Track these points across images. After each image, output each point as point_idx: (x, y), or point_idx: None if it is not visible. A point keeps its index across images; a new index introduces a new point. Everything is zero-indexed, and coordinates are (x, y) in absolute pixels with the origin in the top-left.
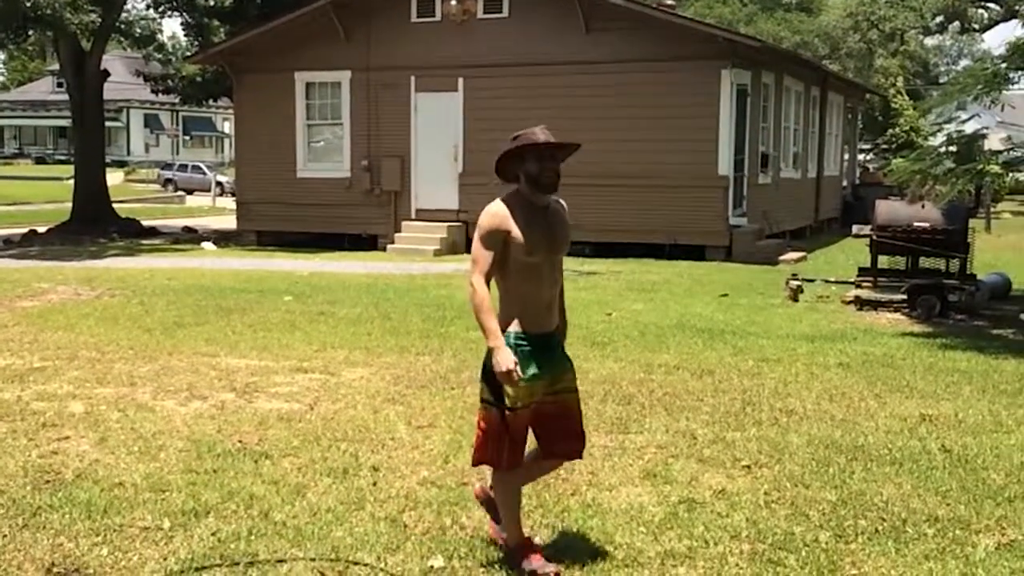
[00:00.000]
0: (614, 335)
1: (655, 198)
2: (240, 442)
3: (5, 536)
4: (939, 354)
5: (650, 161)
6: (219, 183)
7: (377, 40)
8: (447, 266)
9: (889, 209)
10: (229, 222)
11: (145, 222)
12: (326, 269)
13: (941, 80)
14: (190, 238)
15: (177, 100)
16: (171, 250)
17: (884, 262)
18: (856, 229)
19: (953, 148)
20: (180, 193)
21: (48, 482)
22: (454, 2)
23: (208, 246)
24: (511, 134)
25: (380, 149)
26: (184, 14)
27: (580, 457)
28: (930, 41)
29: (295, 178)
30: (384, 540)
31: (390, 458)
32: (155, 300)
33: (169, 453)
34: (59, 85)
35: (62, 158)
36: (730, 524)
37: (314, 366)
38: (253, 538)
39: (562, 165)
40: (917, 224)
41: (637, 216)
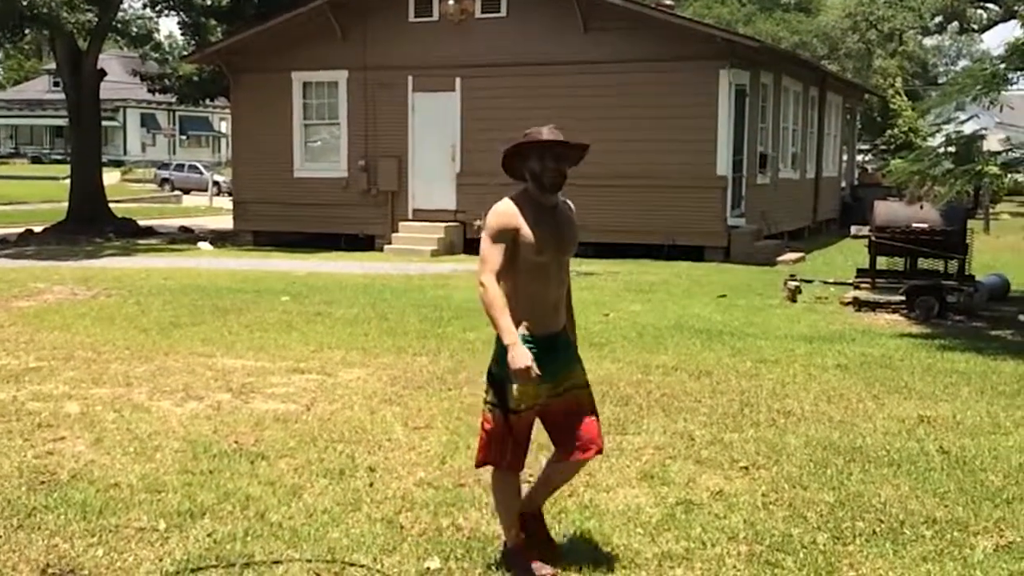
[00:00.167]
0: (612, 336)
1: (653, 198)
2: (236, 443)
3: (0, 537)
4: (937, 355)
5: (648, 161)
6: (216, 183)
7: (374, 40)
8: (444, 266)
9: (888, 210)
10: (226, 222)
11: (141, 222)
12: (323, 269)
13: (940, 81)
14: (186, 238)
15: (174, 100)
16: (167, 250)
17: (882, 263)
18: (854, 230)
19: (952, 149)
20: (177, 193)
21: (43, 483)
22: (452, 2)
23: (204, 246)
24: (509, 134)
25: (377, 149)
26: (181, 13)
27: (599, 452)
28: (929, 41)
29: (292, 178)
30: (380, 541)
31: (387, 459)
32: (151, 300)
33: (165, 454)
34: (55, 84)
35: (58, 158)
36: (728, 525)
37: (311, 367)
38: (249, 539)
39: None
40: (916, 225)
41: (636, 216)
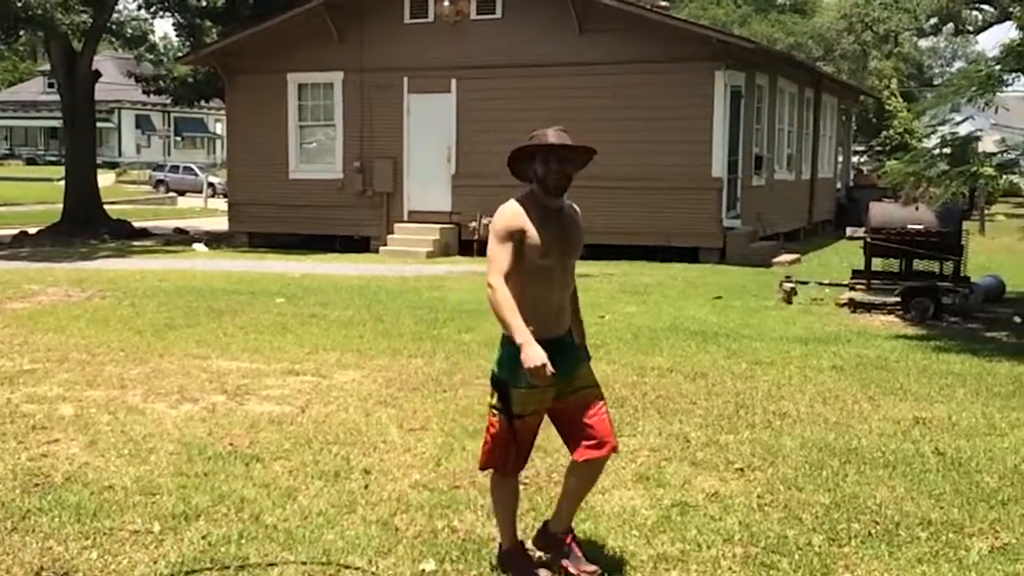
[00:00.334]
0: (607, 338)
1: (649, 200)
2: (231, 445)
3: None
4: (933, 357)
5: (644, 163)
6: (211, 184)
7: (370, 41)
8: (440, 268)
9: (883, 211)
10: (221, 223)
11: (136, 223)
12: (318, 271)
13: (935, 82)
14: (181, 239)
15: (169, 101)
16: (162, 252)
17: (878, 264)
18: (850, 231)
19: (947, 150)
20: (171, 194)
21: (37, 485)
22: (447, 3)
23: (199, 247)
24: (504, 136)
25: (373, 150)
26: (176, 14)
27: (614, 450)
28: (924, 43)
29: (287, 179)
30: (375, 543)
31: (382, 461)
32: (146, 302)
33: (159, 456)
34: (50, 86)
35: (53, 159)
36: (723, 527)
37: (306, 368)
38: (244, 541)
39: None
40: (911, 226)
41: (631, 218)
